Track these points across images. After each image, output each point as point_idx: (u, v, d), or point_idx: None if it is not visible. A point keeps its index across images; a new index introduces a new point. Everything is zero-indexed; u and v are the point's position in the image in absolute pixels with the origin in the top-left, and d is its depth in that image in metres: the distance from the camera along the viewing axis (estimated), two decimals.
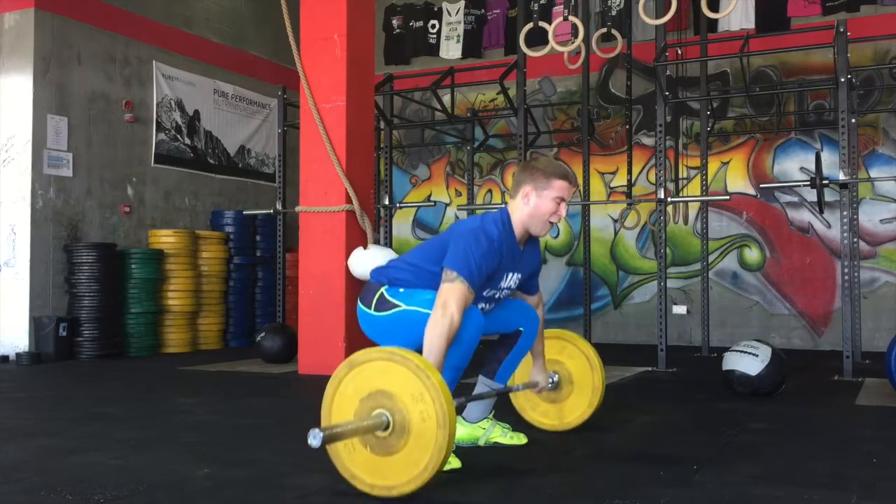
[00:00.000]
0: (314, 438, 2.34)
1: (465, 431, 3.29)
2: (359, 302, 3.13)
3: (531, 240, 3.15)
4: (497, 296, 3.11)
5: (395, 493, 2.50)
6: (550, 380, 3.45)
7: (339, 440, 2.49)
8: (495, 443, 3.28)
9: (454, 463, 2.85)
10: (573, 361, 3.55)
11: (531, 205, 3.01)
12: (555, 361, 3.52)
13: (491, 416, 3.33)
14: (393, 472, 2.49)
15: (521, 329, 3.25)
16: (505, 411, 3.42)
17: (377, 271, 3.14)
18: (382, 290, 3.03)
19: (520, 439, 3.30)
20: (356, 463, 2.55)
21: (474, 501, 2.55)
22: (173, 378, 5.91)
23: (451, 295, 2.77)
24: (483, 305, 3.08)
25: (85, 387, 5.54)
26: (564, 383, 3.54)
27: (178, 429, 3.79)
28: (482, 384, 3.32)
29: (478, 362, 3.28)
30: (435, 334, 2.72)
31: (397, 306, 2.97)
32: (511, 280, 3.10)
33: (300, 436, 3.62)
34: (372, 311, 3.05)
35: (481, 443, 3.28)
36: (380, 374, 2.53)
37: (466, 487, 2.69)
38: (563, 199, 3.02)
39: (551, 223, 3.04)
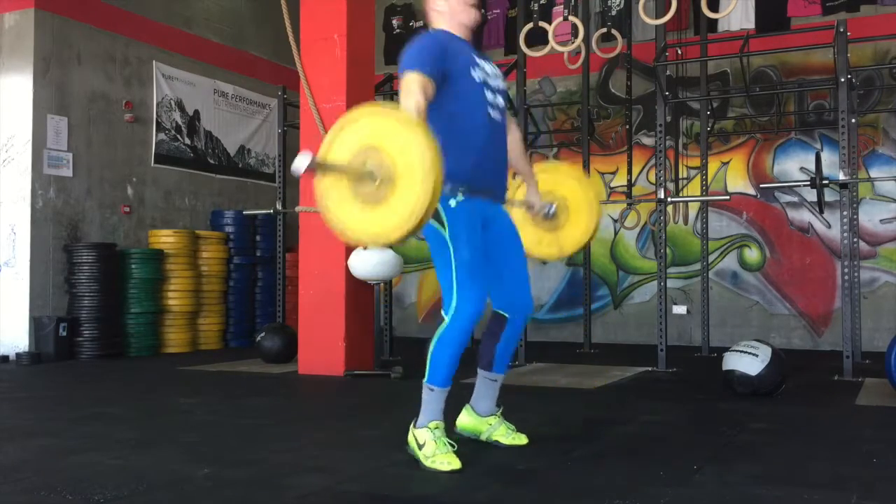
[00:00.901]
0: (302, 161, 2.52)
1: (471, 422, 3.32)
2: None
3: (480, 53, 3.29)
4: (494, 86, 3.21)
5: (383, 241, 2.71)
6: (548, 209, 3.52)
7: (325, 170, 2.67)
8: (496, 441, 3.28)
9: (454, 464, 2.85)
10: (563, 187, 3.64)
11: (445, 6, 3.22)
12: (547, 193, 3.58)
13: (499, 413, 3.34)
14: (381, 221, 2.64)
15: (506, 315, 3.27)
16: (512, 409, 3.42)
17: None
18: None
19: (521, 440, 3.30)
20: (347, 217, 2.71)
21: (474, 501, 2.55)
22: (173, 378, 5.91)
23: (408, 85, 2.90)
24: (492, 96, 3.18)
25: (85, 387, 5.54)
26: (561, 210, 3.60)
27: (178, 429, 3.79)
28: (482, 377, 3.33)
29: (471, 360, 3.31)
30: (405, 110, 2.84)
31: (442, 225, 3.01)
32: (490, 70, 3.24)
33: (300, 436, 3.64)
34: None
35: (483, 437, 3.29)
36: (368, 131, 2.67)
37: (466, 487, 2.69)
38: None
39: (472, 6, 3.23)
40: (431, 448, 2.90)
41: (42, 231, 7.15)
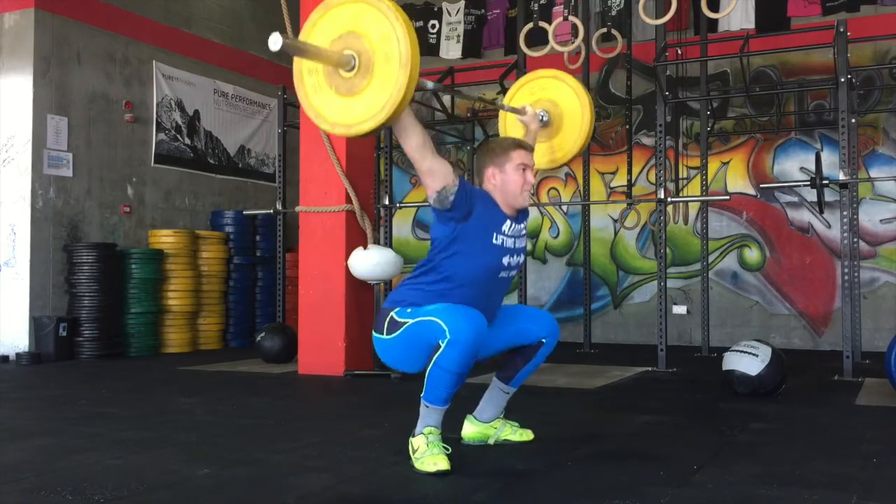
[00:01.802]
0: (274, 43, 2.45)
1: (476, 430, 3.32)
2: (373, 332, 3.10)
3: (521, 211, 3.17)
4: (516, 247, 3.08)
5: (353, 132, 2.67)
6: (541, 118, 3.48)
7: (298, 53, 2.61)
8: (505, 440, 3.31)
9: (441, 465, 2.81)
10: (556, 93, 3.61)
11: (499, 182, 3.06)
12: (539, 100, 3.54)
13: (502, 416, 3.36)
14: (354, 111, 2.62)
15: (543, 341, 3.24)
16: (512, 409, 3.42)
17: (388, 299, 3.12)
18: (392, 313, 3.00)
19: (527, 435, 3.34)
20: (322, 102, 2.69)
21: (474, 501, 2.55)
22: (173, 378, 5.91)
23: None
24: (511, 259, 3.06)
25: (85, 387, 5.54)
26: (554, 119, 3.56)
27: (178, 429, 3.79)
28: (497, 387, 3.32)
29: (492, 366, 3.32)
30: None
31: (405, 323, 2.94)
32: (517, 229, 3.09)
33: (300, 436, 3.64)
34: (385, 336, 3.01)
35: (491, 441, 3.30)
36: (352, 17, 2.63)
37: (466, 487, 2.69)
38: (525, 167, 3.07)
39: (524, 191, 3.07)
40: (423, 450, 2.88)
41: (42, 231, 7.15)
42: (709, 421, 3.94)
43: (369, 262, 5.64)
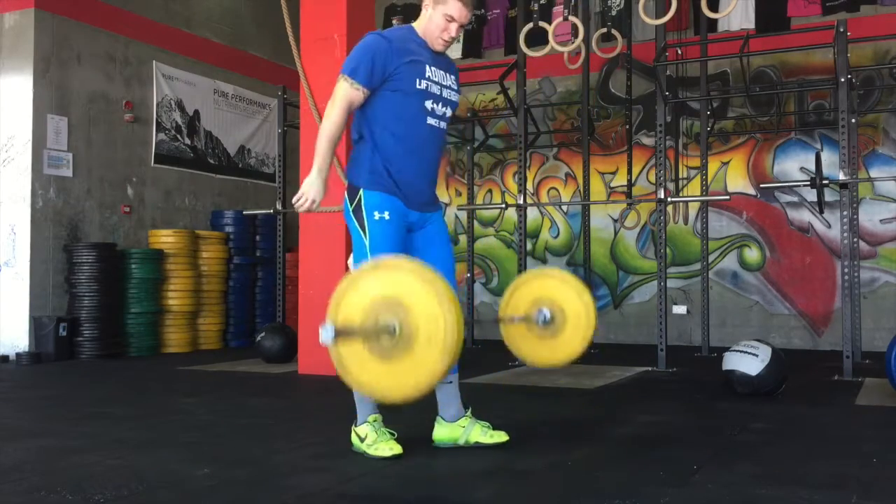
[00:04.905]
0: (326, 332, 2.41)
1: (444, 432, 3.24)
2: (347, 177, 3.17)
3: (438, 59, 3.20)
4: (441, 94, 3.14)
5: (376, 397, 2.71)
6: (543, 316, 3.44)
7: (348, 337, 2.51)
8: (476, 443, 3.20)
9: (395, 449, 2.97)
10: (558, 294, 3.53)
11: (428, 15, 3.14)
12: (541, 298, 3.51)
13: (469, 414, 3.26)
14: (384, 377, 2.52)
15: None
16: (512, 409, 3.42)
17: (353, 162, 3.17)
18: (362, 193, 3.07)
19: (501, 437, 3.22)
20: (350, 355, 2.56)
21: (474, 501, 2.55)
22: (173, 378, 5.91)
23: (335, 93, 3.03)
24: (436, 106, 3.13)
25: (85, 387, 5.54)
26: (556, 319, 3.52)
27: (178, 429, 3.79)
28: (437, 385, 3.12)
29: None
30: (321, 130, 3.03)
31: (363, 229, 3.05)
32: (442, 76, 3.15)
33: (300, 436, 3.64)
34: (351, 208, 3.11)
35: (461, 443, 3.21)
36: (403, 285, 2.53)
37: (466, 487, 2.69)
38: (453, 19, 3.12)
39: (443, 41, 3.14)
40: (373, 437, 3.00)
41: (42, 231, 7.15)
42: (709, 421, 3.94)
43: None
